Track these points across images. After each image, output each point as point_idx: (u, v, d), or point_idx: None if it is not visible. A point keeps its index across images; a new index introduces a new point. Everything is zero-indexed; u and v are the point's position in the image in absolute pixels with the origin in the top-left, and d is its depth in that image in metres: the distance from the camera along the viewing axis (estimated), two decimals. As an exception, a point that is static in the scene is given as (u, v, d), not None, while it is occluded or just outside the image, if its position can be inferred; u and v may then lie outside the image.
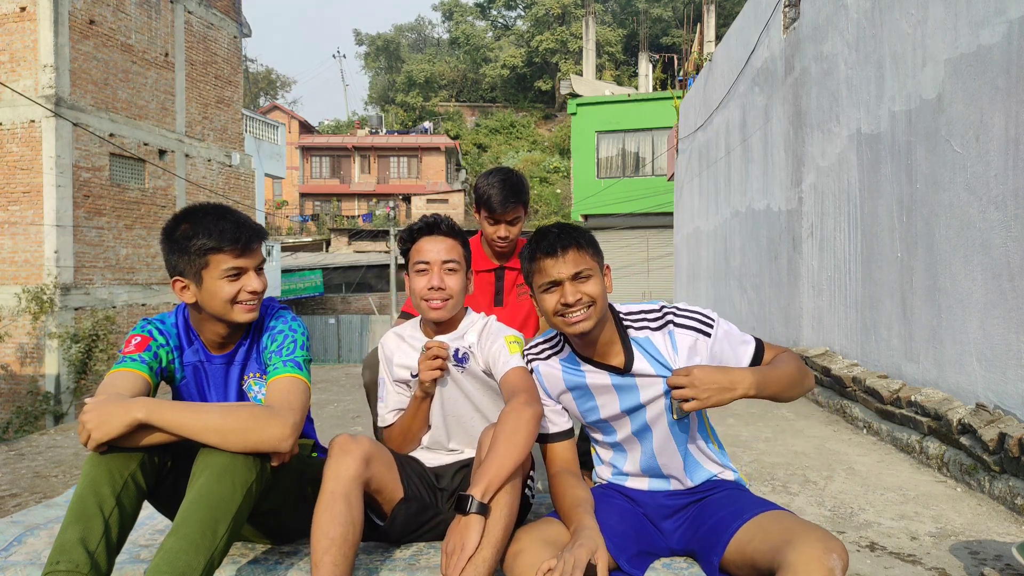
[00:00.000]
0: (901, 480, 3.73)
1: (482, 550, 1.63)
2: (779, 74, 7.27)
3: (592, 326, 1.78)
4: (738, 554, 1.63)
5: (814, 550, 1.45)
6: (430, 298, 2.04)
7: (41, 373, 12.23)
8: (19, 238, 12.38)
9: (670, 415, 1.84)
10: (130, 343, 1.89)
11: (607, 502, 1.88)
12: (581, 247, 1.80)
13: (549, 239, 1.81)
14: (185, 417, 1.67)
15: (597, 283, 1.79)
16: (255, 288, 1.87)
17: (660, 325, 1.85)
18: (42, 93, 12.13)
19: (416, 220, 2.16)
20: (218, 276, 1.83)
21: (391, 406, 2.19)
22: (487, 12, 50.93)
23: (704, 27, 20.53)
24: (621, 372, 1.84)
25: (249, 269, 1.87)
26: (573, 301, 1.76)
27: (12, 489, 4.44)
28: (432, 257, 2.04)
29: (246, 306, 1.88)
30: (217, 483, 1.64)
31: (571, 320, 1.78)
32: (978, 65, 3.80)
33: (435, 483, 2.06)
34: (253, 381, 1.99)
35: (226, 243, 1.83)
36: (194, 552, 1.57)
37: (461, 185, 37.26)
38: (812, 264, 6.34)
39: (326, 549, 1.65)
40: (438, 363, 1.99)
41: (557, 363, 1.93)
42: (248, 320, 1.89)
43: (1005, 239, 3.57)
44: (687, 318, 1.85)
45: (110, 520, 1.61)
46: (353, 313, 28.32)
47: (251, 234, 1.87)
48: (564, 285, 1.77)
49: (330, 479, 1.73)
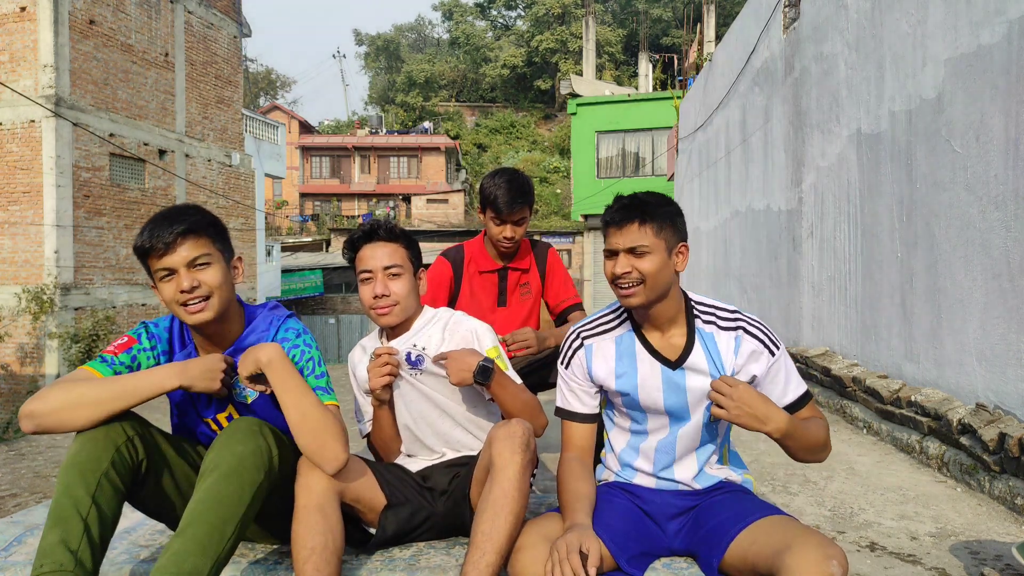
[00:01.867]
0: (901, 480, 3.73)
1: (486, 555, 1.63)
2: (779, 74, 7.27)
3: (641, 303, 1.77)
4: (738, 558, 1.63)
5: (814, 556, 1.45)
6: (376, 306, 2.03)
7: (41, 373, 12.24)
8: (19, 238, 12.38)
9: (707, 413, 1.83)
10: (116, 343, 1.89)
11: (610, 502, 1.88)
12: (644, 223, 1.76)
13: (615, 208, 1.81)
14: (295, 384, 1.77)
15: (655, 261, 1.75)
16: (184, 287, 1.78)
17: (731, 327, 1.84)
18: (42, 93, 12.14)
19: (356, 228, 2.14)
20: (157, 279, 1.82)
21: (366, 417, 2.20)
22: (487, 12, 50.92)
23: (704, 27, 20.53)
24: (673, 365, 1.83)
25: (178, 268, 1.79)
26: (621, 273, 1.76)
27: (12, 489, 4.43)
28: (374, 265, 2.03)
29: (188, 307, 1.80)
30: (226, 483, 1.64)
31: (621, 292, 1.78)
32: (978, 65, 3.80)
33: (422, 484, 2.06)
34: None
35: (147, 244, 1.79)
36: (201, 555, 1.57)
37: (461, 185, 37.25)
38: (812, 264, 6.34)
39: (306, 558, 1.66)
40: (386, 370, 1.98)
41: (612, 340, 1.90)
42: (197, 322, 1.81)
43: (1005, 239, 3.57)
44: (759, 329, 1.84)
45: (88, 520, 1.60)
46: (353, 313, 28.32)
47: (175, 231, 1.78)
48: (619, 255, 1.77)
49: (302, 494, 1.74)
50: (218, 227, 1.89)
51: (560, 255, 3.50)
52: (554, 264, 3.00)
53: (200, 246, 1.81)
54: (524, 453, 1.75)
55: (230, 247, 1.93)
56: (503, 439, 1.77)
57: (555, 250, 3.08)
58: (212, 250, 1.84)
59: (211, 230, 1.86)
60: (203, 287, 1.80)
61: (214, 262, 1.83)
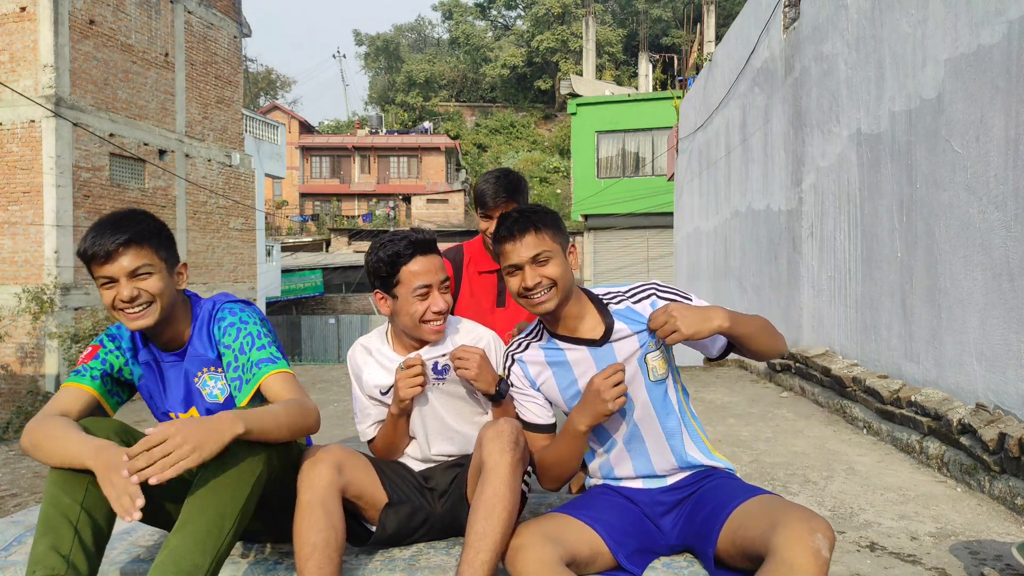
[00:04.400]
0: (901, 480, 3.73)
1: (480, 553, 1.63)
2: (779, 74, 7.27)
3: (555, 306, 1.83)
4: (730, 544, 1.64)
5: (798, 531, 1.45)
6: (432, 320, 1.99)
7: (41, 373, 12.23)
8: (19, 238, 12.38)
9: (646, 377, 1.87)
10: (84, 353, 1.97)
11: (604, 499, 1.88)
12: (539, 230, 1.83)
13: (508, 223, 1.85)
14: (267, 422, 1.70)
15: (557, 264, 1.83)
16: (124, 296, 1.79)
17: (643, 296, 1.91)
18: (42, 93, 12.13)
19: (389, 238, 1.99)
20: (99, 285, 1.83)
21: (370, 420, 2.17)
22: (487, 12, 50.91)
23: (704, 27, 20.53)
24: (599, 343, 1.87)
25: (118, 278, 1.79)
26: (532, 284, 1.80)
27: (12, 489, 4.44)
28: (432, 279, 1.97)
29: (127, 314, 1.82)
30: (225, 476, 1.64)
31: (534, 301, 1.83)
32: (978, 65, 3.80)
33: (423, 484, 2.05)
34: (208, 376, 1.97)
35: (89, 251, 1.79)
36: (200, 552, 1.57)
37: (461, 185, 37.24)
38: (812, 264, 6.34)
39: (309, 555, 1.66)
40: (418, 380, 1.96)
41: (539, 348, 1.96)
42: (137, 327, 1.84)
43: (1005, 239, 3.57)
44: (668, 291, 1.92)
45: (79, 526, 1.61)
46: (353, 313, 28.32)
47: (117, 240, 1.78)
48: (524, 268, 1.82)
49: (304, 490, 1.74)
50: (162, 236, 1.89)
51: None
52: None
53: (141, 256, 1.81)
54: (513, 451, 1.75)
55: (175, 254, 1.93)
56: (492, 439, 1.77)
57: None
58: (154, 260, 1.84)
59: (154, 240, 1.85)
60: (143, 295, 1.82)
61: (156, 272, 1.84)
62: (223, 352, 1.93)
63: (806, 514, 1.50)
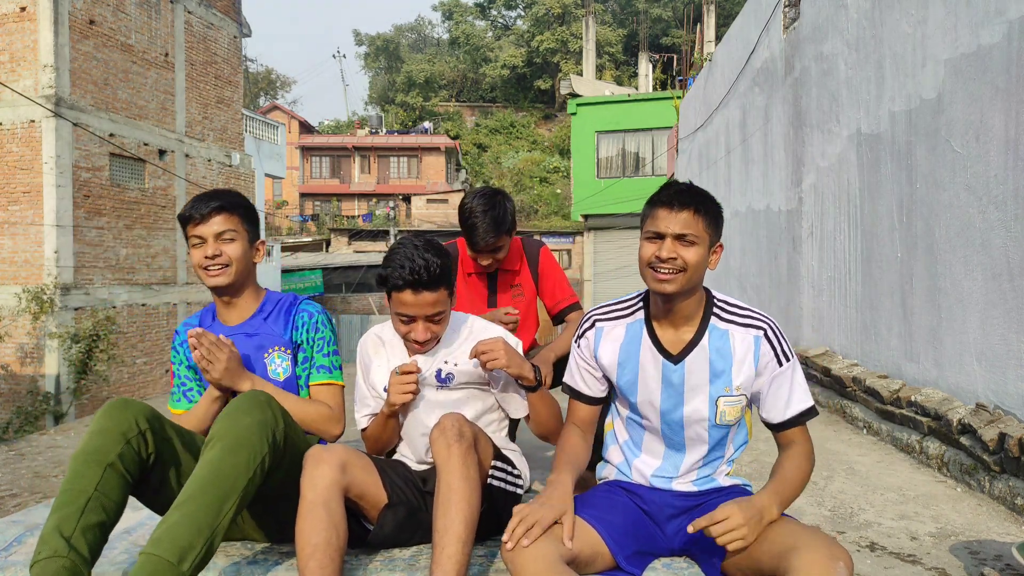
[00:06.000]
0: (901, 480, 3.73)
1: (445, 548, 1.64)
2: (779, 74, 7.27)
3: (675, 291, 1.74)
4: (743, 557, 1.63)
5: (820, 557, 1.46)
6: (412, 342, 2.02)
7: (41, 373, 12.23)
8: (19, 238, 12.37)
9: (712, 419, 1.82)
10: (171, 378, 2.29)
11: (610, 498, 1.88)
12: (699, 213, 1.73)
13: (672, 191, 1.76)
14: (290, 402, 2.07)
15: (698, 253, 1.73)
16: (208, 254, 2.07)
17: (752, 325, 1.81)
18: (42, 93, 12.13)
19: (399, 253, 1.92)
20: (191, 245, 2.11)
21: (367, 410, 2.19)
22: (487, 12, 50.88)
23: (704, 27, 20.52)
24: (675, 360, 1.81)
25: (207, 237, 2.07)
26: (666, 257, 1.72)
27: (12, 489, 4.44)
28: (417, 313, 1.94)
29: (208, 272, 2.08)
30: (230, 455, 1.67)
31: (659, 276, 1.74)
32: (978, 65, 3.80)
33: (422, 486, 2.05)
34: (277, 355, 2.16)
35: (187, 213, 2.09)
36: (196, 532, 1.59)
37: (461, 185, 37.23)
38: (812, 264, 6.34)
39: (310, 555, 1.66)
40: (410, 388, 1.96)
41: (623, 327, 1.90)
42: (213, 284, 2.09)
43: (1005, 239, 3.57)
44: (781, 340, 1.81)
45: (88, 507, 1.64)
46: (353, 313, 28.31)
47: (212, 206, 2.08)
48: (666, 240, 1.73)
49: (307, 489, 1.74)
50: (250, 211, 2.16)
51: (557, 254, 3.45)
52: (547, 264, 2.91)
53: (229, 222, 2.09)
54: (459, 443, 1.75)
55: (257, 230, 2.19)
56: (436, 439, 1.79)
57: (548, 249, 2.97)
58: (239, 228, 2.11)
59: (242, 211, 2.13)
60: (224, 256, 2.08)
61: (238, 238, 2.11)
62: (297, 339, 2.18)
63: (829, 541, 1.50)
